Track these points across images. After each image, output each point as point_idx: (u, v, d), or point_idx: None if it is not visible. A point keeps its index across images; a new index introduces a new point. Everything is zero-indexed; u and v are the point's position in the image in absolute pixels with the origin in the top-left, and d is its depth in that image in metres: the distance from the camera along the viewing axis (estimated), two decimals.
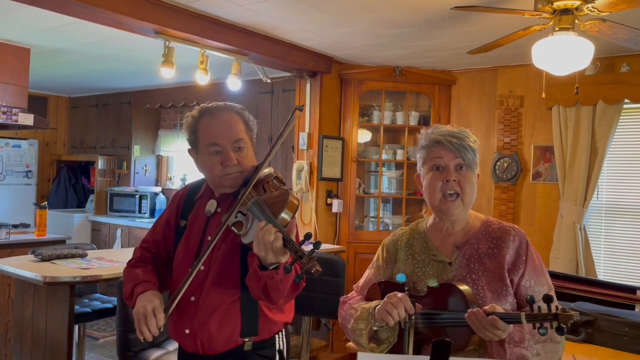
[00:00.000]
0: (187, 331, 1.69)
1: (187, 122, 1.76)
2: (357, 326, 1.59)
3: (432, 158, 1.61)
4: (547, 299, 1.28)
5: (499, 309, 1.41)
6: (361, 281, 1.80)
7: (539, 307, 1.29)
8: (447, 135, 1.60)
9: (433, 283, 1.53)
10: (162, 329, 1.60)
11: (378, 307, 1.52)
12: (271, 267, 1.49)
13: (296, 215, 1.60)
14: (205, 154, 1.71)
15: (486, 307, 1.40)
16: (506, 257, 1.57)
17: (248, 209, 1.57)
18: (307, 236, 1.43)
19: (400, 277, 1.56)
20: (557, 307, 1.27)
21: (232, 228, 1.59)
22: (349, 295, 1.81)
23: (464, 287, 1.48)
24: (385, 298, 1.50)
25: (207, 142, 1.71)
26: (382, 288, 1.66)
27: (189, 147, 1.80)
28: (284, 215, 1.51)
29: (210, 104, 1.77)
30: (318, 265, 1.38)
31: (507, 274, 1.55)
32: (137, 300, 1.65)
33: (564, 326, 1.25)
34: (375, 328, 1.55)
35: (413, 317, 1.45)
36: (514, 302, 1.56)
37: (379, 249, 1.80)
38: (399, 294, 1.47)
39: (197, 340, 1.68)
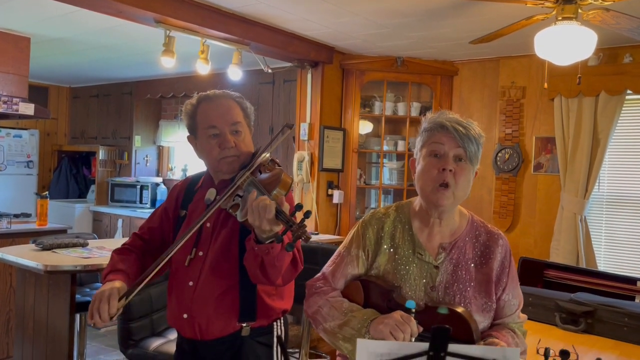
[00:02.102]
0: (185, 316, 1.71)
1: (186, 109, 1.80)
2: (340, 331, 1.48)
3: (433, 142, 1.50)
4: (564, 354, 1.25)
5: (505, 345, 1.37)
6: (336, 271, 1.62)
7: None
8: (454, 122, 1.50)
9: (443, 310, 1.41)
10: (113, 319, 1.57)
11: (378, 324, 1.40)
12: (267, 242, 1.50)
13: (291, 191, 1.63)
14: (204, 138, 1.75)
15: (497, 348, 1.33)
16: (494, 270, 1.53)
17: (244, 190, 1.60)
18: (298, 207, 1.45)
19: (410, 304, 1.41)
20: None
21: (229, 210, 1.60)
22: (317, 284, 1.64)
23: (461, 310, 1.42)
24: (389, 318, 1.38)
25: (205, 125, 1.74)
26: (367, 288, 1.54)
27: (188, 134, 1.83)
28: (276, 193, 1.54)
29: (208, 92, 1.81)
30: (308, 233, 1.40)
31: (494, 289, 1.52)
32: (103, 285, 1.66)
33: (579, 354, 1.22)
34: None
35: (413, 339, 1.36)
36: (492, 316, 1.53)
37: (357, 231, 1.62)
38: (405, 315, 1.37)
39: (195, 324, 1.69)
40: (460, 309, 1.42)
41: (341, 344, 1.49)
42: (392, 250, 1.56)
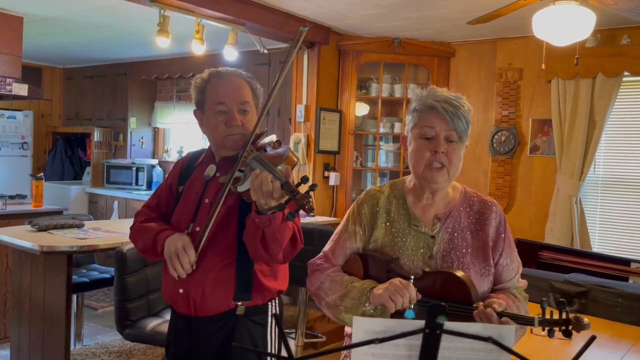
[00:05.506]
0: (181, 291, 1.71)
1: (196, 83, 1.82)
2: (342, 303, 1.51)
3: (423, 126, 1.52)
4: (561, 305, 1.27)
5: (506, 306, 1.39)
6: (335, 248, 1.66)
7: (552, 312, 1.28)
8: (443, 102, 1.50)
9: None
10: (194, 266, 1.64)
11: (377, 290, 1.44)
12: (269, 212, 1.51)
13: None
14: (211, 113, 1.76)
15: (495, 306, 1.36)
16: (489, 235, 1.56)
17: (247, 164, 1.61)
18: (304, 179, 1.45)
19: (409, 314, 1.42)
20: (567, 313, 1.27)
21: (229, 185, 1.61)
22: (318, 261, 1.68)
23: (461, 274, 1.45)
24: (388, 284, 1.42)
25: (214, 101, 1.76)
26: (366, 261, 1.58)
27: (195, 108, 1.84)
28: (281, 168, 1.54)
29: (220, 68, 1.83)
30: (312, 202, 1.41)
31: (491, 253, 1.55)
32: (164, 243, 1.68)
33: (573, 332, 1.24)
34: (366, 309, 1.47)
35: (412, 305, 1.41)
36: (492, 281, 1.56)
37: (353, 209, 1.66)
38: (404, 281, 1.41)
39: (190, 300, 1.70)
40: (459, 273, 1.45)
41: (344, 316, 1.53)
42: (388, 224, 1.60)
